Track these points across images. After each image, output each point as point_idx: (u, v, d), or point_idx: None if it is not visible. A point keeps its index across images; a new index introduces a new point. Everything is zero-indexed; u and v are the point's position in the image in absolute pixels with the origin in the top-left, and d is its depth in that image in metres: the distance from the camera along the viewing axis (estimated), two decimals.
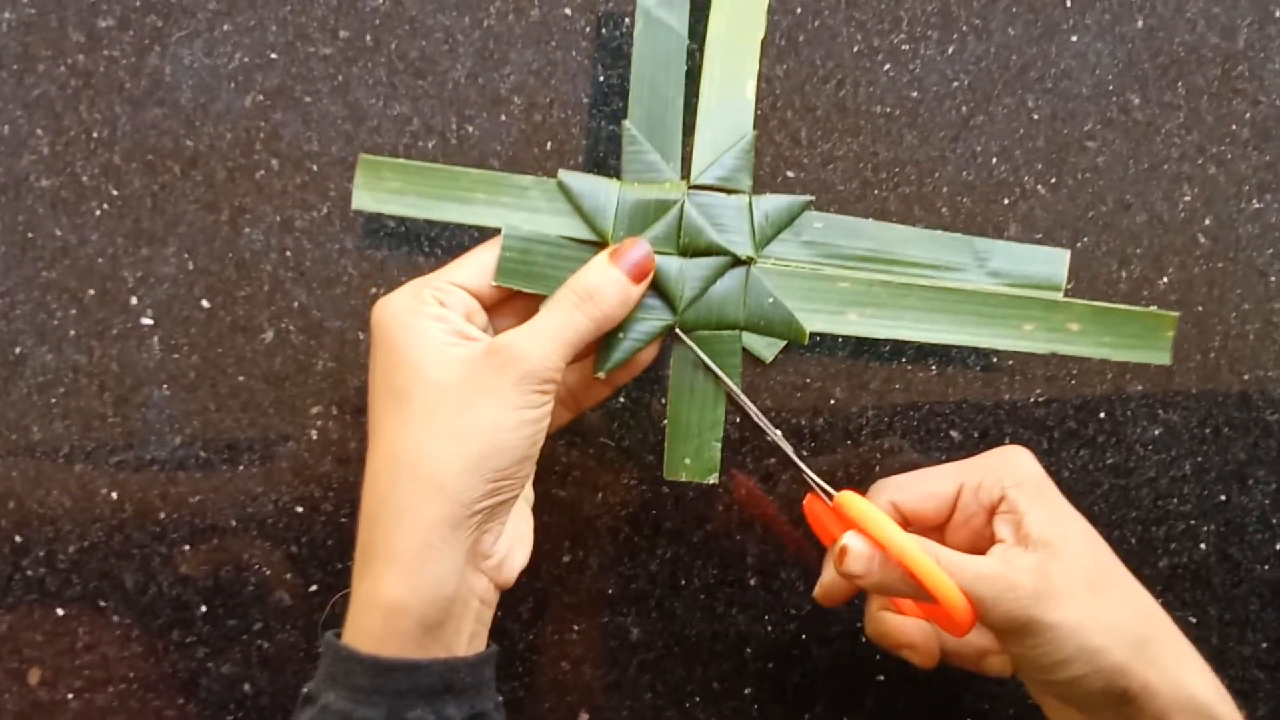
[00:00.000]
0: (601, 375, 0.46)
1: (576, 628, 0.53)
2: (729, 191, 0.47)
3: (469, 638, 0.42)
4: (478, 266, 0.45)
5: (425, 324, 0.42)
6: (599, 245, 0.46)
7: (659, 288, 0.46)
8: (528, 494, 0.46)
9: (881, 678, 0.54)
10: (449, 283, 0.44)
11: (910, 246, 0.48)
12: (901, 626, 0.46)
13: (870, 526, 0.42)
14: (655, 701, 0.53)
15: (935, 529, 0.46)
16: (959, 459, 0.52)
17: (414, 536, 0.41)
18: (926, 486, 0.45)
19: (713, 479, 0.48)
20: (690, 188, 0.47)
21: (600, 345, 0.46)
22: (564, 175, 0.46)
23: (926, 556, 0.41)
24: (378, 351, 0.43)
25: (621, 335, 0.46)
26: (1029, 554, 0.42)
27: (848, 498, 0.44)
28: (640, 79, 0.47)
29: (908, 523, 0.45)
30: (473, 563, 0.42)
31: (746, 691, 0.53)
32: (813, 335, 0.47)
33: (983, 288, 0.48)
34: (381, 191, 0.47)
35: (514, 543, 0.44)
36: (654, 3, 0.47)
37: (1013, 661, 0.43)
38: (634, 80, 0.47)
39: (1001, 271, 0.48)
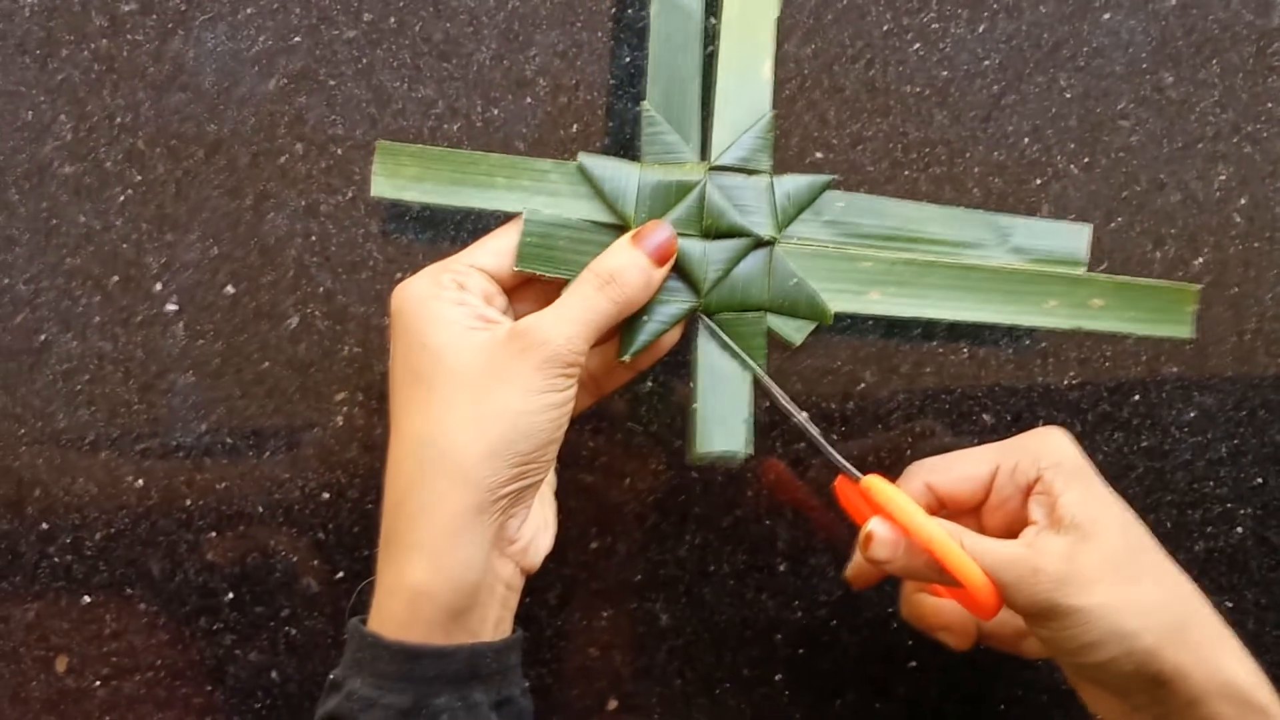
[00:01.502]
0: (626, 359, 0.45)
1: (605, 614, 0.52)
2: (749, 172, 0.46)
3: (495, 623, 0.42)
4: (497, 249, 0.44)
5: (445, 309, 0.42)
6: (620, 229, 0.46)
7: (682, 270, 0.46)
8: (550, 479, 0.45)
9: (914, 664, 0.53)
10: (469, 266, 0.43)
11: (932, 224, 0.48)
12: (937, 608, 0.46)
13: (894, 511, 0.42)
14: (684, 688, 0.53)
15: (971, 511, 0.45)
16: (992, 442, 0.51)
17: (439, 523, 0.40)
18: (961, 468, 0.44)
19: (741, 456, 0.47)
20: (711, 169, 0.46)
21: (623, 329, 0.45)
22: (584, 158, 0.46)
23: (949, 541, 0.41)
24: (398, 337, 0.42)
25: (645, 318, 0.45)
26: (1059, 537, 0.41)
27: (873, 482, 0.43)
28: (658, 60, 0.47)
29: (943, 505, 0.45)
30: (498, 548, 0.41)
31: (777, 678, 0.53)
32: (837, 316, 0.47)
33: (1005, 265, 0.47)
34: (400, 178, 0.46)
35: (539, 527, 0.43)
36: None
37: (1044, 645, 0.43)
38: (651, 61, 0.47)
39: (1024, 248, 0.48)
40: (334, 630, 0.51)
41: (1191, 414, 0.53)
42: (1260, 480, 0.53)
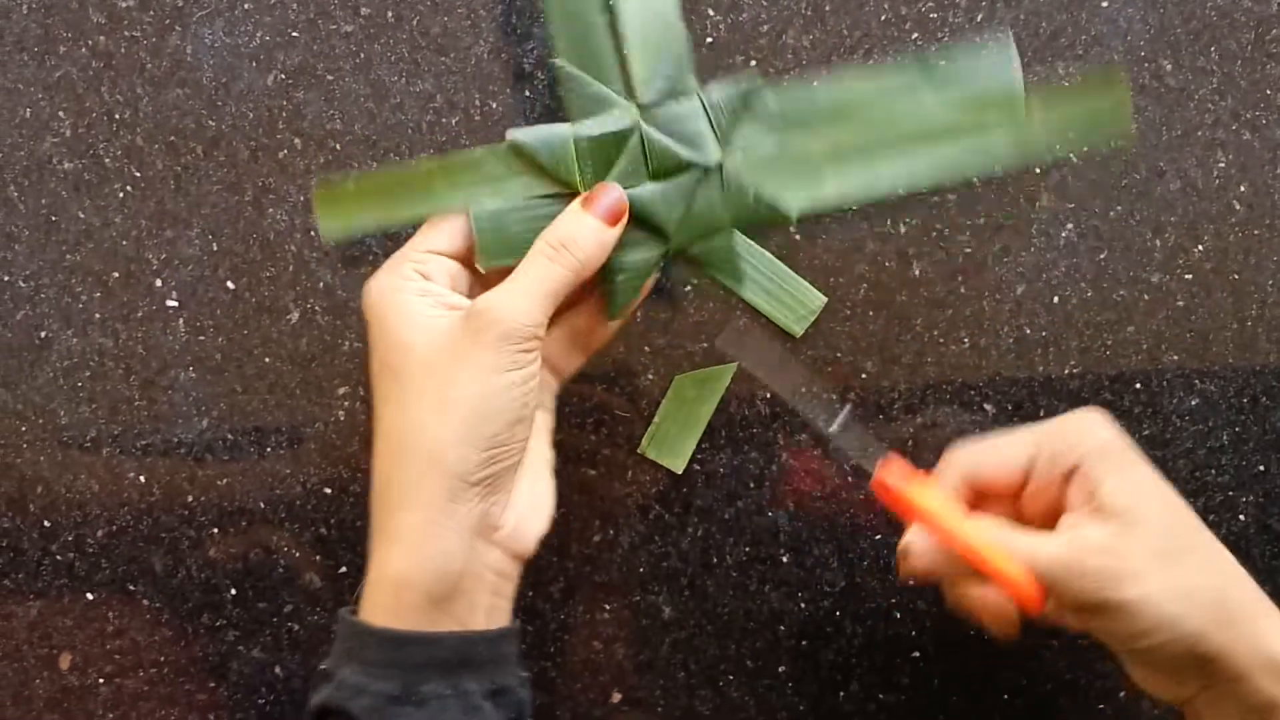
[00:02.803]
0: (615, 319, 0.45)
1: (608, 607, 0.52)
2: (678, 96, 0.45)
3: (486, 610, 0.42)
4: (451, 230, 0.44)
5: (409, 300, 0.42)
6: (571, 196, 0.45)
7: (642, 219, 0.45)
8: (545, 456, 0.45)
9: (917, 654, 0.53)
10: (427, 251, 0.43)
11: (862, 91, 0.47)
12: (983, 598, 0.45)
13: (934, 519, 0.42)
14: (688, 681, 0.53)
15: (1010, 497, 0.45)
16: (994, 432, 0.51)
17: (415, 513, 0.41)
18: (999, 457, 0.44)
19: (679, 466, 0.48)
20: (640, 108, 0.45)
21: (603, 291, 0.45)
22: (513, 134, 0.45)
23: (990, 547, 0.41)
24: (371, 333, 0.43)
25: (621, 276, 0.45)
26: (1101, 527, 0.41)
27: (915, 491, 0.43)
28: (555, 8, 0.46)
29: (981, 495, 0.45)
30: (481, 535, 0.41)
31: (780, 670, 0.53)
32: (801, 216, 0.46)
33: (946, 117, 0.47)
34: (344, 216, 0.46)
35: (527, 510, 0.43)
36: None
37: (1094, 633, 0.43)
38: (549, 12, 0.46)
39: (958, 88, 0.47)
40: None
41: (1193, 402, 0.53)
42: (1262, 468, 0.53)
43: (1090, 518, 0.41)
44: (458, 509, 0.40)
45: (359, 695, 0.39)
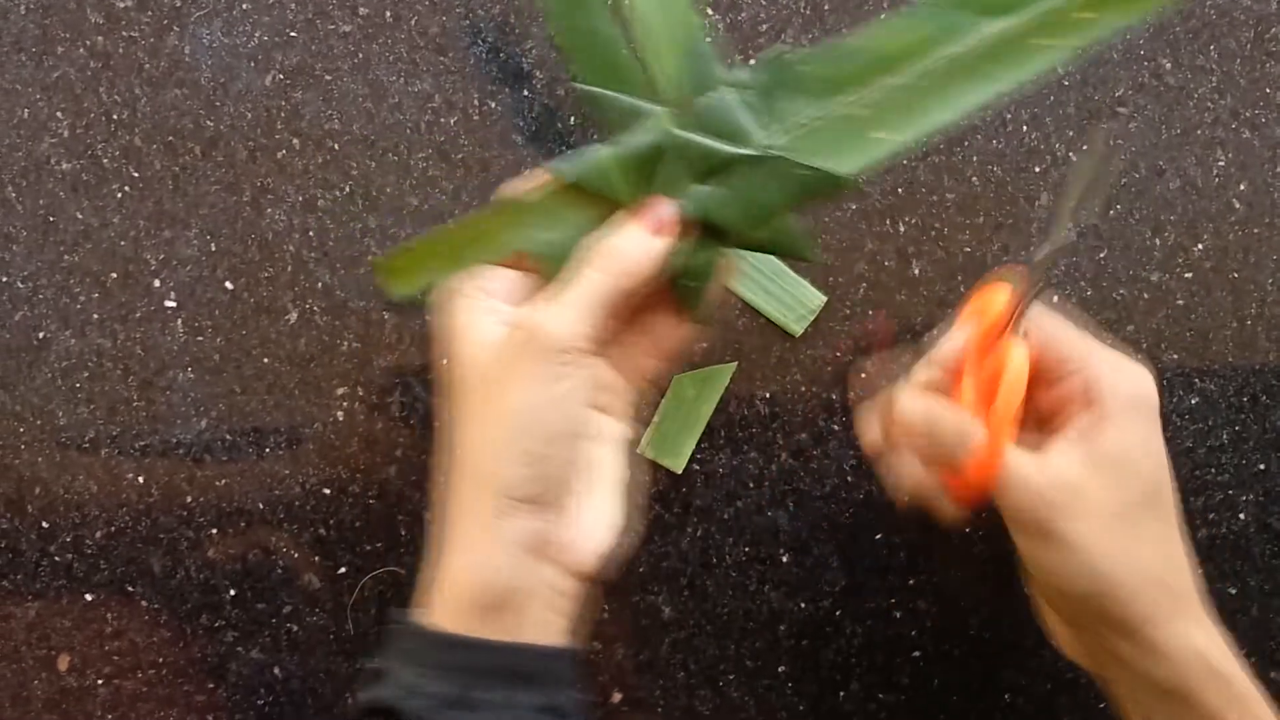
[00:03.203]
0: (696, 323, 0.44)
1: (607, 607, 0.52)
2: (709, 90, 0.43)
3: (540, 626, 0.41)
4: None
5: (472, 318, 0.42)
6: None
7: (700, 221, 0.43)
8: (613, 468, 0.43)
9: (917, 654, 0.53)
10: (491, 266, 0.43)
11: (896, 31, 0.43)
12: (924, 480, 0.45)
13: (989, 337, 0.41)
14: (688, 680, 0.52)
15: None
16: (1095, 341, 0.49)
17: (464, 525, 0.41)
18: (1060, 351, 0.43)
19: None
20: (672, 110, 0.43)
21: (677, 296, 0.44)
22: (559, 168, 0.43)
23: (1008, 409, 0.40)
24: (443, 349, 0.43)
25: (688, 280, 0.43)
26: (1082, 462, 0.40)
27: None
28: (566, 30, 0.44)
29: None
30: (533, 551, 0.40)
31: (780, 669, 0.53)
32: (862, 178, 0.43)
33: (988, 34, 0.43)
34: (409, 278, 0.45)
35: (589, 526, 0.42)
36: None
37: (1021, 553, 0.42)
38: (559, 34, 0.44)
39: (997, 3, 0.43)
40: (336, 626, 0.51)
41: (1193, 400, 0.53)
42: (1262, 466, 0.53)
43: (1078, 446, 0.41)
44: (503, 524, 0.40)
45: (412, 695, 0.39)
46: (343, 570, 0.51)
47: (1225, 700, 0.41)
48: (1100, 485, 0.40)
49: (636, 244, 0.42)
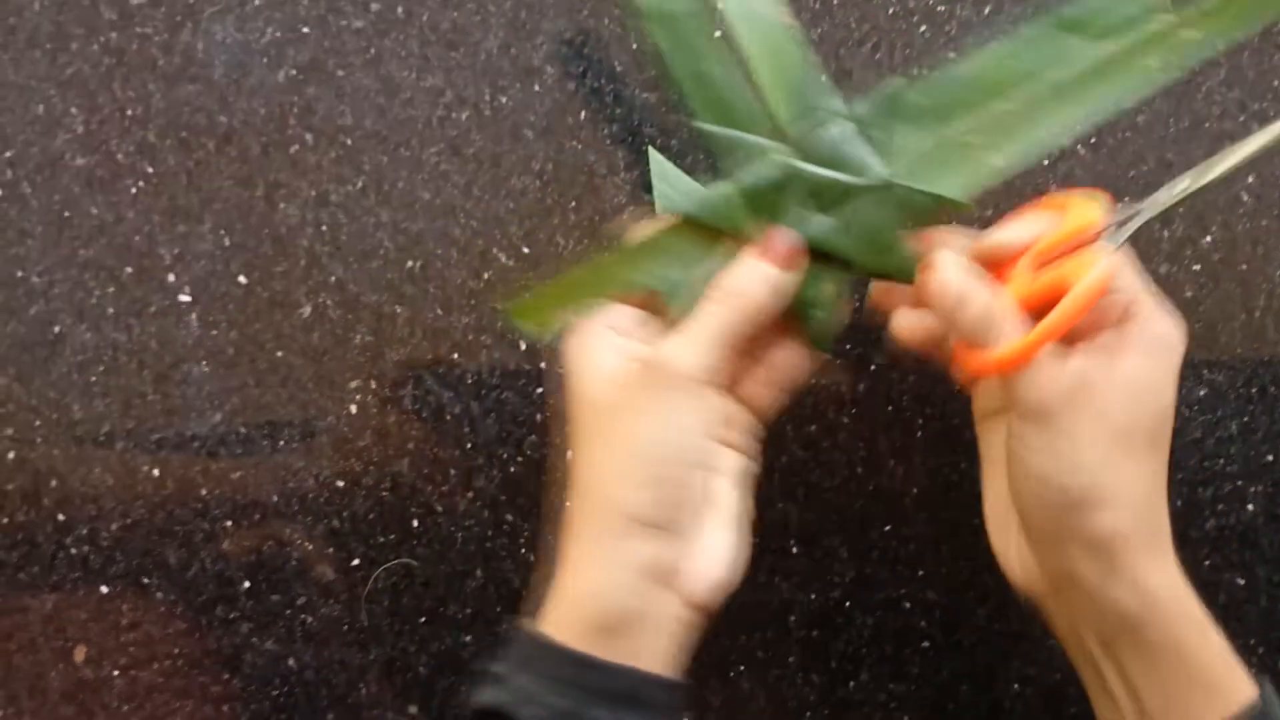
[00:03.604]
0: (819, 353, 0.45)
1: None
2: (827, 123, 0.44)
3: (659, 655, 0.41)
4: None
5: (598, 356, 0.42)
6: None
7: (823, 252, 0.44)
8: (736, 503, 0.44)
9: (927, 644, 0.53)
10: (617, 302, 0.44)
11: (1002, 57, 0.44)
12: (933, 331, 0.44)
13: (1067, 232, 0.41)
14: (699, 671, 0.52)
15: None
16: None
17: (585, 544, 0.41)
18: (1118, 277, 0.42)
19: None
20: (792, 145, 0.44)
21: (801, 328, 0.45)
22: (678, 207, 0.44)
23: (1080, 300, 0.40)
24: (565, 383, 0.44)
25: (815, 310, 0.44)
26: (1102, 370, 0.40)
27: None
28: (685, 72, 0.45)
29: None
30: (655, 579, 0.41)
31: (790, 660, 0.53)
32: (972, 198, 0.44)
33: (1094, 56, 0.43)
34: (538, 319, 0.45)
35: (708, 560, 0.42)
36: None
37: (1007, 440, 0.42)
38: (678, 75, 0.45)
39: (1099, 21, 0.43)
40: (350, 618, 0.52)
41: (1201, 392, 0.53)
42: (1271, 457, 0.53)
43: (1101, 357, 0.40)
44: (625, 545, 0.40)
45: (529, 704, 0.39)
46: (356, 562, 0.52)
47: (1186, 627, 0.41)
48: (1114, 398, 0.40)
49: (758, 277, 0.43)
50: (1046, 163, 0.52)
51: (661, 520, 0.41)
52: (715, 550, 0.42)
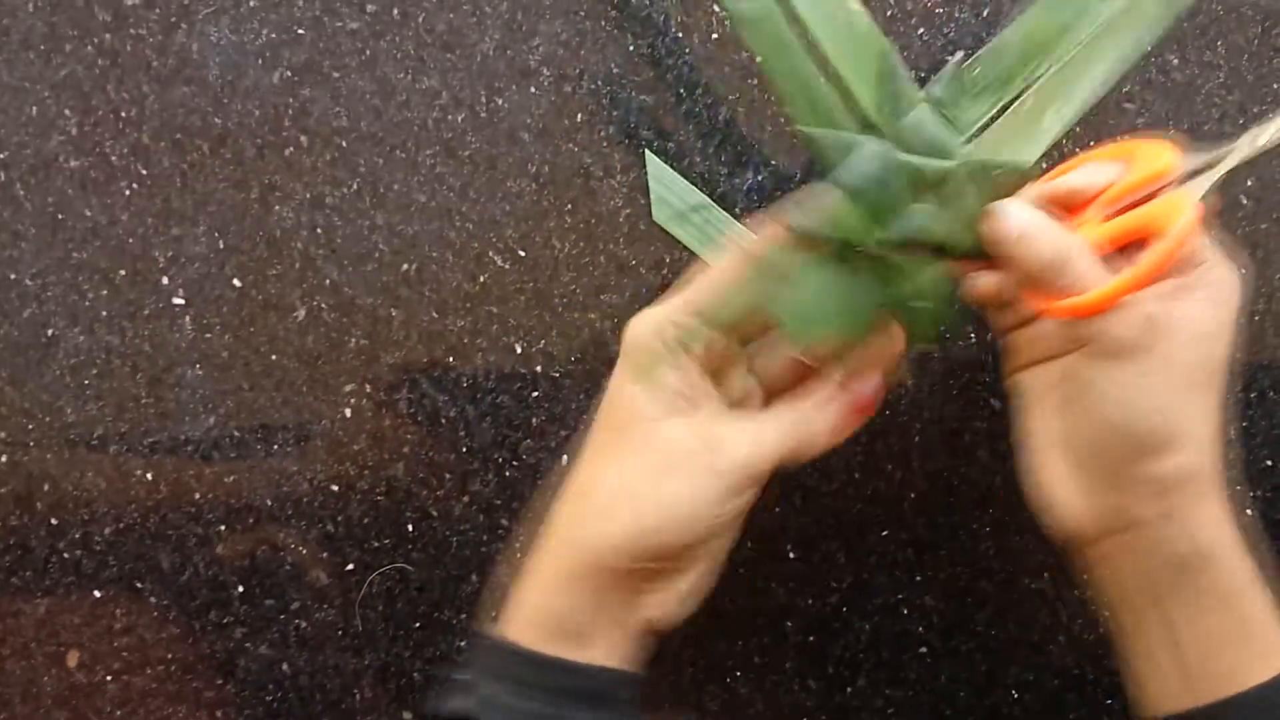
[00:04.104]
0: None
1: None
2: (908, 111, 0.43)
3: (619, 658, 0.42)
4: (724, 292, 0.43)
5: (659, 370, 0.41)
6: (859, 254, 0.43)
7: (924, 243, 0.43)
8: (721, 552, 0.43)
9: (924, 650, 0.53)
10: (698, 320, 0.42)
11: (1035, 20, 0.45)
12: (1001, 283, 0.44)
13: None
14: (696, 676, 0.53)
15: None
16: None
17: (558, 563, 0.41)
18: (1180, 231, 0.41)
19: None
20: (881, 136, 0.43)
21: (909, 324, 0.44)
22: (792, 221, 0.43)
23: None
24: (616, 369, 0.42)
25: (921, 303, 0.44)
26: (1175, 305, 0.40)
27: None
28: (780, 77, 0.44)
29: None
30: (622, 605, 0.41)
31: (788, 665, 0.53)
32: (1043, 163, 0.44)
33: (1110, 7, 0.44)
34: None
35: (678, 598, 0.42)
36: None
37: (1071, 385, 0.41)
38: (776, 82, 0.44)
39: None
40: (344, 622, 0.51)
41: None
42: (1270, 462, 0.53)
43: (1172, 296, 0.40)
44: (600, 579, 0.40)
45: (495, 709, 0.40)
46: (350, 567, 0.51)
47: (1238, 577, 0.40)
48: (1183, 342, 0.40)
49: (829, 423, 0.42)
50: (1045, 165, 0.51)
51: (645, 579, 0.41)
52: (689, 592, 0.42)
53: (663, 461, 0.40)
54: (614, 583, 0.40)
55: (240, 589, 0.51)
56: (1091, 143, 0.52)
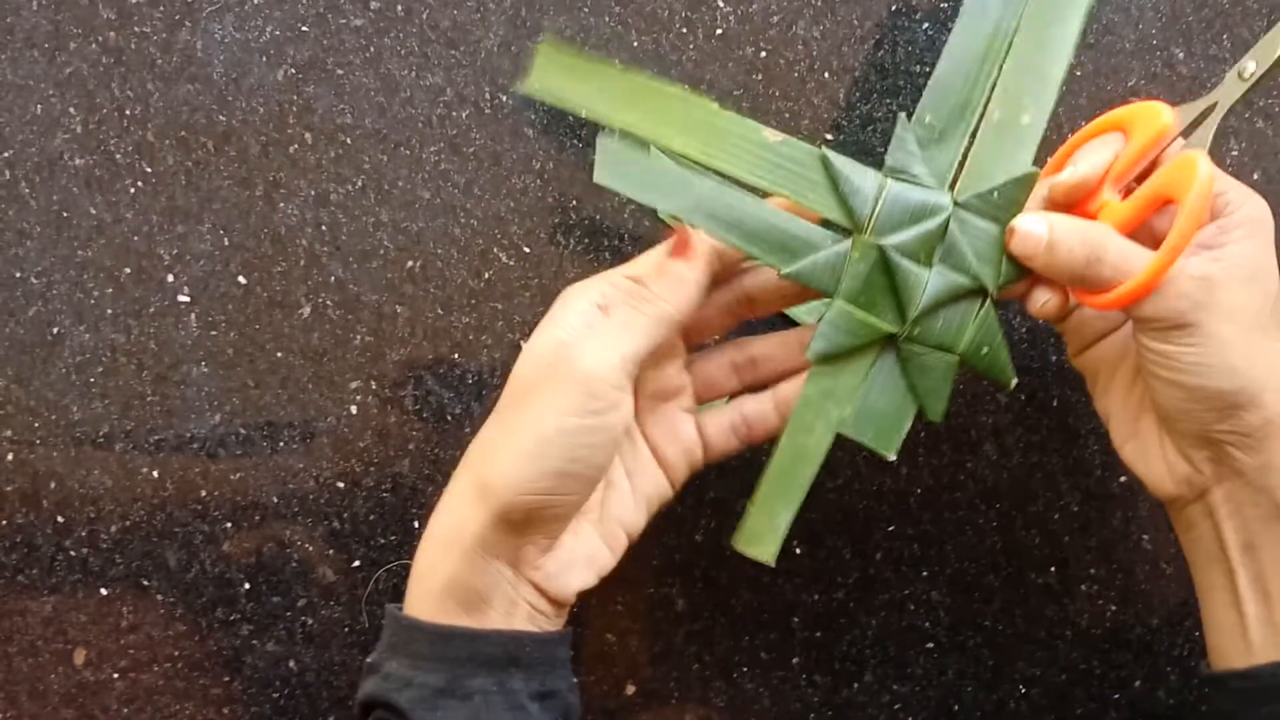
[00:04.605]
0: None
1: (621, 600, 0.52)
2: (990, 219, 0.43)
3: (524, 626, 0.41)
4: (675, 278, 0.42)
5: (567, 318, 0.41)
6: (846, 231, 0.44)
7: (895, 291, 0.44)
8: (618, 517, 0.44)
9: (931, 645, 0.53)
10: (629, 278, 0.42)
11: (972, 32, 0.45)
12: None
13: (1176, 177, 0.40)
14: (702, 672, 0.53)
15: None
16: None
17: (451, 519, 0.41)
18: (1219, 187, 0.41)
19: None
20: (957, 204, 0.44)
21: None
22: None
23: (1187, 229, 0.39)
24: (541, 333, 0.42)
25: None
26: (1217, 263, 0.40)
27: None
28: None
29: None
30: (514, 566, 0.41)
31: (794, 661, 0.53)
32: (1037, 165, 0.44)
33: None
34: (555, 85, 0.44)
35: (572, 564, 0.42)
36: None
37: (1145, 354, 0.41)
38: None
39: None
40: (351, 619, 0.51)
41: None
42: None
43: (1210, 251, 0.40)
44: (485, 531, 0.40)
45: (406, 687, 0.40)
46: (356, 564, 0.51)
47: None
48: (1234, 288, 0.39)
49: (673, 279, 0.42)
50: (1049, 159, 0.51)
51: (534, 517, 0.40)
52: (585, 557, 0.42)
53: (528, 391, 0.40)
54: (488, 537, 0.40)
55: (247, 586, 0.51)
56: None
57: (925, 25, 0.51)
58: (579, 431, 0.40)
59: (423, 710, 0.39)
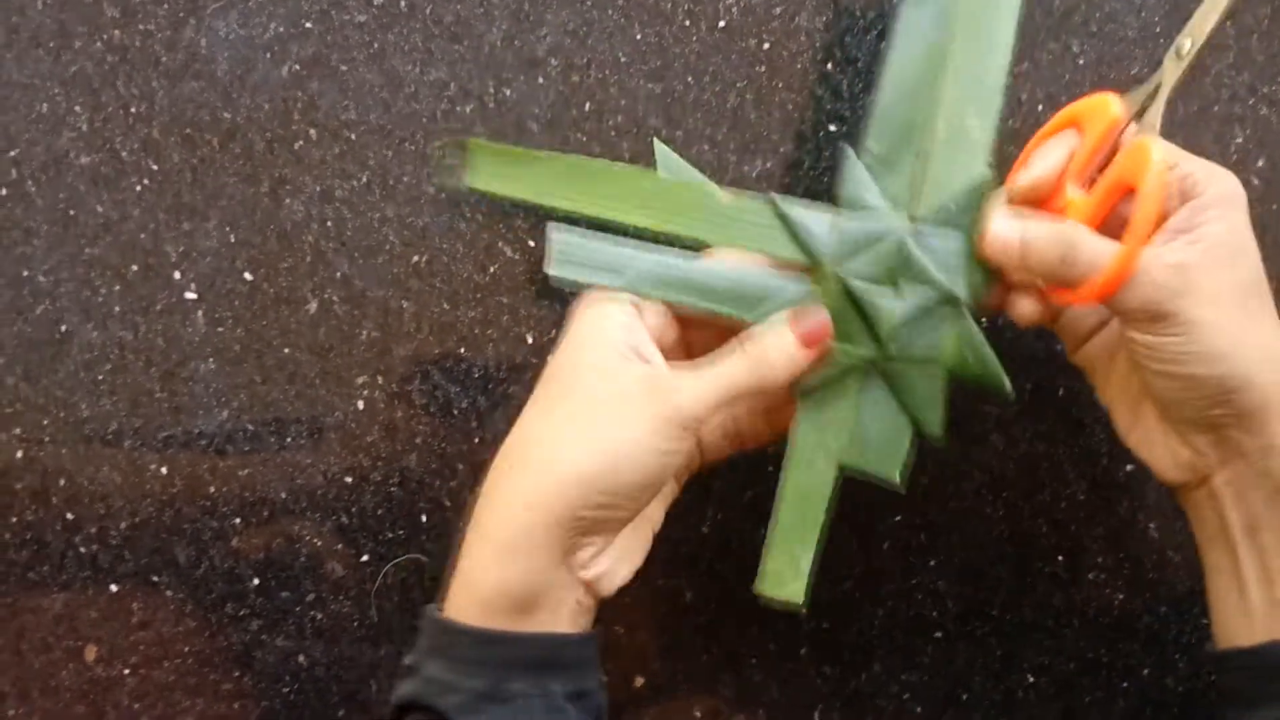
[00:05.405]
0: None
1: (628, 592, 0.52)
2: (952, 229, 0.44)
3: (565, 623, 0.42)
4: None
5: (610, 328, 0.42)
6: (805, 269, 0.45)
7: (867, 319, 0.44)
8: (654, 517, 0.45)
9: (939, 634, 0.53)
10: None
11: (905, 54, 0.45)
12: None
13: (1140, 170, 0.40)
14: (710, 664, 0.53)
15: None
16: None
17: (510, 523, 0.41)
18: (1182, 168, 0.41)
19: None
20: (915, 220, 0.44)
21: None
22: (780, 201, 0.45)
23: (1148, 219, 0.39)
24: (564, 334, 0.43)
25: (978, 366, 0.45)
26: (1190, 248, 0.40)
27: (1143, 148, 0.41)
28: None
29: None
30: (567, 566, 0.41)
31: (802, 652, 0.53)
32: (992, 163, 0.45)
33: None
34: (490, 179, 0.46)
35: (619, 561, 0.43)
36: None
37: (1133, 348, 0.41)
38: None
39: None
40: (360, 613, 0.51)
41: None
42: None
43: (1183, 236, 0.40)
44: (550, 535, 0.40)
45: (448, 692, 0.40)
46: (365, 558, 0.51)
47: None
48: (1213, 270, 0.39)
49: (786, 356, 0.43)
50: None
51: (595, 524, 0.41)
52: (628, 556, 0.44)
53: (610, 404, 0.41)
54: (552, 540, 0.40)
55: (256, 581, 0.51)
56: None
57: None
58: (664, 454, 0.41)
59: (465, 715, 0.39)
